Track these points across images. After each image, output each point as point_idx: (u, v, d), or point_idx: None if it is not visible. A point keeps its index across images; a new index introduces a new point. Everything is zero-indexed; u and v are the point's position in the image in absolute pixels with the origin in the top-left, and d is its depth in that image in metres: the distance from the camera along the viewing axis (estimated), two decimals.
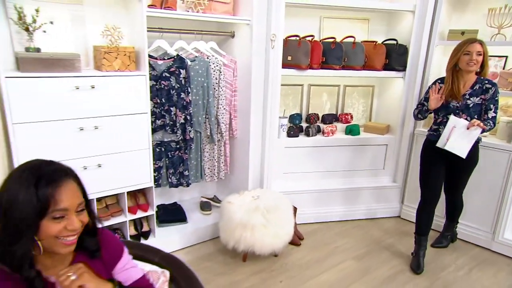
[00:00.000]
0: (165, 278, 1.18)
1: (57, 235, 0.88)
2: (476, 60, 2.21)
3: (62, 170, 0.92)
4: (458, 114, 2.28)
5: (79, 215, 0.92)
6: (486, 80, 2.28)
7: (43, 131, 1.87)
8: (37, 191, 0.84)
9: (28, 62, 1.79)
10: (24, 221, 0.85)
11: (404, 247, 2.71)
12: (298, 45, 2.70)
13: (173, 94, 2.42)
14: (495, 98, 2.25)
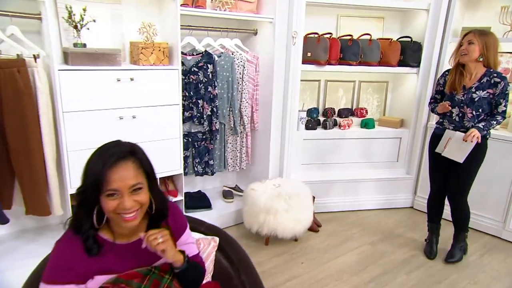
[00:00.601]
0: (215, 243, 1.34)
1: (114, 211, 0.99)
2: (466, 50, 2.17)
3: (122, 152, 1.00)
4: (462, 108, 2.25)
5: (134, 195, 0.99)
6: (495, 73, 2.19)
7: (87, 119, 2.05)
8: (95, 169, 0.97)
9: (76, 56, 1.97)
10: (87, 191, 0.99)
11: (418, 235, 2.85)
12: (317, 42, 2.85)
13: (200, 88, 2.59)
14: (505, 92, 2.18)
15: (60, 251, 1.01)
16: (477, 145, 2.20)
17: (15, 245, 2.23)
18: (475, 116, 2.23)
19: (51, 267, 0.99)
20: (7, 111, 1.92)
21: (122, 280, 0.99)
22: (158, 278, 1.05)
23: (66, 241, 1.02)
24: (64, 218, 2.40)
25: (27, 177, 2.04)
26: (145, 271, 1.03)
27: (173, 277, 1.08)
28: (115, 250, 1.05)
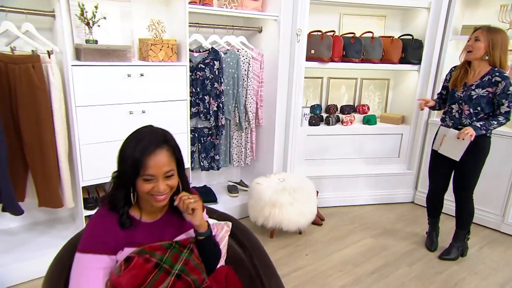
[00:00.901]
0: (228, 228, 1.41)
1: (148, 193, 1.08)
2: (471, 46, 2.15)
3: (159, 141, 1.08)
4: (461, 104, 2.24)
5: (167, 180, 1.09)
6: (497, 72, 2.14)
7: (99, 114, 2.10)
8: (134, 155, 1.05)
9: (89, 53, 2.03)
10: (125, 175, 1.08)
11: (419, 228, 2.91)
12: (320, 39, 2.90)
13: (207, 84, 2.64)
14: (506, 92, 2.10)
15: (95, 225, 1.10)
16: (475, 143, 2.18)
17: (27, 237, 2.29)
18: (473, 114, 2.22)
19: (86, 239, 1.07)
20: (21, 105, 1.98)
21: (147, 251, 1.08)
22: (178, 252, 1.13)
23: (100, 217, 1.11)
24: (74, 211, 2.46)
25: (40, 170, 2.09)
26: (167, 245, 1.12)
27: (191, 252, 1.16)
28: (141, 227, 1.14)
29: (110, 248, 1.06)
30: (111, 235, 1.07)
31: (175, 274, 1.09)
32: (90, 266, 1.04)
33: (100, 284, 1.04)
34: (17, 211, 2.03)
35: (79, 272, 1.05)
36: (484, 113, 2.22)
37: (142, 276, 1.05)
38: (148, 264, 1.06)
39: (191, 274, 1.12)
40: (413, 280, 2.24)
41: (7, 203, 1.99)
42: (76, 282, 1.05)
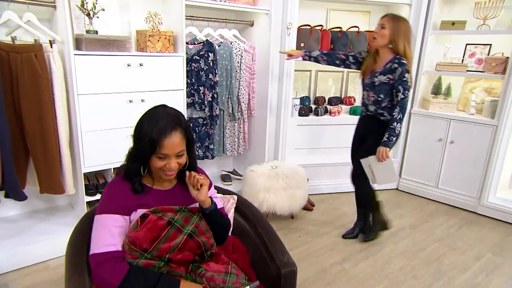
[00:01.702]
0: (234, 200, 1.52)
1: (160, 168, 1.19)
2: (377, 34, 2.17)
3: (174, 123, 1.17)
4: (367, 91, 2.32)
5: (178, 158, 1.19)
6: (396, 59, 2.16)
7: (100, 102, 2.17)
8: (151, 136, 1.15)
9: (90, 42, 2.09)
10: (141, 151, 1.18)
11: (403, 211, 3.10)
12: (310, 33, 3.04)
13: (202, 75, 2.74)
14: (402, 79, 2.14)
15: (111, 190, 1.21)
16: (378, 132, 2.27)
17: (28, 224, 2.34)
18: (377, 101, 2.27)
19: (103, 202, 1.19)
20: (23, 94, 2.03)
21: (159, 211, 1.19)
22: (188, 216, 1.24)
23: (116, 184, 1.22)
24: (73, 199, 2.52)
25: (42, 157, 2.15)
26: (177, 208, 1.23)
27: (201, 218, 1.27)
28: (153, 193, 1.25)
29: (123, 209, 1.17)
30: (124, 199, 1.19)
31: (187, 233, 1.20)
32: (107, 224, 1.15)
33: (116, 239, 1.15)
34: (21, 196, 2.08)
35: (98, 230, 1.16)
36: (387, 101, 2.26)
37: (156, 231, 1.16)
38: (161, 221, 1.17)
39: (201, 237, 1.23)
40: (399, 256, 2.41)
41: (11, 189, 2.04)
42: (95, 239, 1.15)
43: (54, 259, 2.20)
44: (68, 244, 1.24)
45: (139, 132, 1.19)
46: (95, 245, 1.14)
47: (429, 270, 2.27)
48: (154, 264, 1.17)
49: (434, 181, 3.34)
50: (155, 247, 1.16)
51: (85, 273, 1.12)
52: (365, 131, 2.46)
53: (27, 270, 2.08)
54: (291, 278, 1.24)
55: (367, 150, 2.37)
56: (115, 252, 1.14)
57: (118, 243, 1.15)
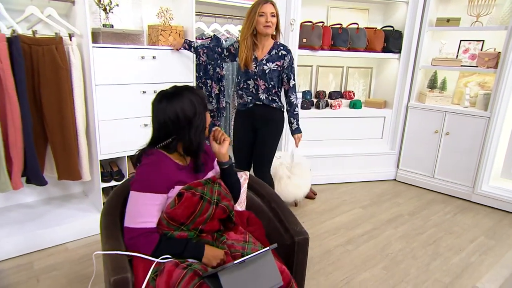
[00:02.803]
0: (246, 176, 1.64)
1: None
2: (271, 22, 2.16)
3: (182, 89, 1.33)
4: (256, 80, 2.26)
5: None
6: (281, 46, 2.24)
7: (115, 92, 2.29)
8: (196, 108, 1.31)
9: (107, 36, 2.21)
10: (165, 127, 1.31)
11: (402, 200, 3.24)
12: (312, 29, 3.18)
13: (209, 69, 2.86)
14: (292, 65, 2.24)
15: (149, 170, 1.28)
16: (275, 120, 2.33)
17: (46, 209, 2.45)
18: (268, 88, 2.27)
19: (140, 180, 1.27)
20: (44, 84, 2.14)
21: (192, 187, 1.30)
22: (211, 186, 1.36)
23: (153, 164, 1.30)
24: (87, 187, 2.63)
25: (61, 145, 2.26)
26: (204, 182, 1.35)
27: (219, 185, 1.38)
28: (184, 170, 1.36)
29: (163, 188, 1.27)
30: (163, 177, 1.28)
31: (215, 202, 1.33)
32: (146, 203, 1.25)
33: (153, 216, 1.25)
34: (42, 182, 2.19)
35: (136, 206, 1.25)
36: (277, 88, 2.30)
37: (192, 207, 1.27)
38: (195, 197, 1.28)
39: (223, 201, 1.36)
40: (399, 239, 2.55)
41: (33, 174, 2.15)
42: (133, 214, 1.25)
43: (72, 241, 2.31)
44: (102, 214, 1.36)
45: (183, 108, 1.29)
46: (132, 219, 1.24)
47: (427, 251, 2.41)
48: (187, 235, 1.29)
49: (430, 171, 3.49)
50: (192, 220, 1.28)
51: (120, 239, 1.24)
52: (258, 122, 2.35)
53: (49, 251, 2.19)
54: (304, 245, 1.37)
55: (265, 142, 2.36)
56: (150, 228, 1.25)
57: (154, 219, 1.26)
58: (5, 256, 2.08)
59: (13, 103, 1.98)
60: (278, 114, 2.37)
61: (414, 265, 2.24)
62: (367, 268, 2.19)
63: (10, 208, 2.42)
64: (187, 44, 2.48)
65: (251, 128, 2.40)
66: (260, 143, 2.39)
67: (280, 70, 2.27)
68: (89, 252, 2.20)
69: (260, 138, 2.38)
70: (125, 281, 1.09)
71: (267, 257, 1.20)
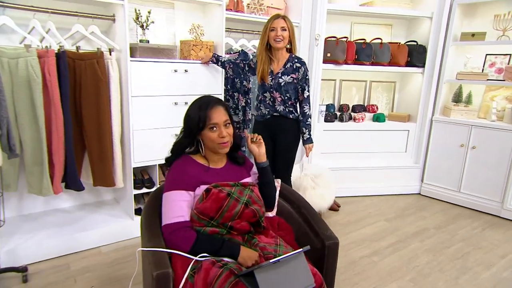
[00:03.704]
0: (278, 183, 1.70)
1: (215, 141, 1.40)
2: (282, 36, 2.24)
3: (214, 100, 1.43)
4: (272, 93, 2.35)
5: (226, 128, 1.42)
6: (296, 59, 2.33)
7: (149, 103, 2.42)
8: (199, 113, 1.39)
9: (143, 50, 2.35)
10: (192, 130, 1.41)
11: (427, 214, 3.20)
12: (336, 44, 3.26)
13: (236, 82, 2.97)
14: (306, 77, 2.33)
15: (178, 170, 1.41)
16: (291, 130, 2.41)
17: (81, 214, 2.57)
18: (284, 100, 2.35)
19: (171, 181, 1.38)
20: (85, 95, 2.29)
21: (219, 185, 1.38)
22: (241, 189, 1.43)
23: (181, 165, 1.42)
24: (119, 194, 2.75)
25: (97, 153, 2.39)
26: (232, 183, 1.43)
27: (252, 191, 1.45)
28: (211, 172, 1.44)
29: (188, 186, 1.37)
30: (189, 177, 1.38)
31: (244, 202, 1.40)
32: (175, 199, 1.35)
33: (184, 211, 1.34)
34: (80, 187, 2.32)
35: (168, 205, 1.35)
36: (293, 100, 2.38)
37: (219, 202, 1.35)
38: (222, 193, 1.36)
39: (254, 205, 1.42)
40: (425, 252, 2.52)
41: (72, 179, 2.28)
42: (167, 212, 1.35)
43: (105, 245, 2.41)
44: (142, 215, 1.45)
45: (188, 116, 1.44)
46: (167, 217, 1.34)
47: (455, 265, 2.37)
48: (219, 231, 1.36)
49: (456, 185, 3.44)
50: (220, 215, 1.35)
51: (160, 237, 1.32)
52: (275, 131, 2.43)
53: (83, 254, 2.29)
54: (335, 249, 1.40)
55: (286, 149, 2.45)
56: (184, 222, 1.34)
57: (186, 214, 1.35)
58: (44, 257, 2.19)
59: (58, 112, 2.13)
60: (295, 124, 2.45)
61: (442, 278, 2.21)
62: (393, 279, 2.18)
63: (48, 213, 2.55)
64: (215, 58, 2.60)
65: (270, 136, 2.45)
66: (279, 151, 2.46)
67: (296, 82, 2.34)
68: (121, 256, 2.29)
69: (278, 145, 2.46)
70: (166, 276, 1.16)
71: (300, 259, 1.24)
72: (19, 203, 2.48)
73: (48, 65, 2.07)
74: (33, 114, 2.11)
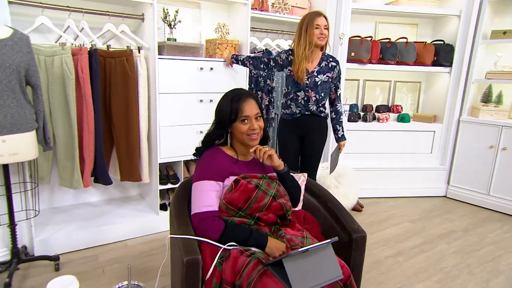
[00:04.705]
0: (304, 177, 1.71)
1: (245, 133, 1.42)
2: (325, 34, 2.22)
3: (246, 93, 1.46)
4: (307, 91, 2.29)
5: (257, 121, 1.44)
6: (330, 58, 2.31)
7: (175, 100, 2.47)
8: (231, 105, 1.41)
9: (171, 48, 2.41)
10: (223, 121, 1.44)
11: (454, 216, 3.11)
12: (360, 43, 3.23)
13: (260, 81, 2.99)
14: (339, 75, 2.34)
15: (208, 161, 1.43)
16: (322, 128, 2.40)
17: (108, 208, 2.64)
18: (318, 99, 2.31)
19: (200, 171, 1.41)
20: (114, 92, 2.37)
21: (247, 177, 1.40)
22: (269, 182, 1.44)
23: (211, 155, 1.44)
24: (143, 189, 2.81)
25: (125, 149, 2.45)
26: (260, 176, 1.44)
27: (279, 184, 1.46)
28: (239, 164, 1.46)
29: (218, 176, 1.39)
30: (218, 167, 1.41)
31: (272, 195, 1.41)
32: (205, 189, 1.37)
33: (213, 200, 1.37)
34: (108, 181, 2.38)
35: (197, 194, 1.38)
36: (325, 98, 2.36)
37: (248, 193, 1.37)
38: (250, 185, 1.38)
39: (281, 199, 1.43)
40: (453, 254, 2.45)
41: (101, 174, 2.35)
42: (196, 201, 1.37)
43: (132, 239, 2.47)
44: (171, 205, 1.48)
45: (220, 107, 1.46)
46: (197, 206, 1.37)
47: (485, 268, 2.30)
48: (246, 222, 1.37)
49: (485, 188, 3.33)
50: (248, 206, 1.36)
51: (189, 225, 1.34)
52: (306, 130, 2.39)
53: (110, 246, 2.35)
54: (362, 242, 1.39)
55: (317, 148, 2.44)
56: (213, 211, 1.36)
57: (215, 204, 1.37)
58: (74, 247, 2.27)
59: (89, 108, 2.21)
60: (324, 122, 2.44)
61: (472, 281, 2.14)
62: (420, 280, 2.13)
63: (77, 206, 2.64)
64: (234, 59, 2.59)
65: (298, 135, 2.42)
66: (309, 149, 2.43)
67: (331, 81, 2.32)
68: (148, 249, 2.34)
69: (308, 144, 2.42)
70: (196, 261, 1.18)
71: (328, 250, 1.24)
72: (51, 196, 2.57)
73: (81, 63, 2.15)
74: (66, 110, 2.19)
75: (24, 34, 1.80)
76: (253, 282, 1.15)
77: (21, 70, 1.75)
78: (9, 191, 1.93)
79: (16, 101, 1.74)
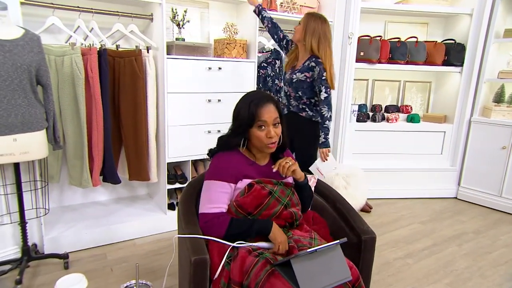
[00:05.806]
0: (315, 179, 1.69)
1: (262, 140, 1.36)
2: (295, 28, 2.34)
3: (266, 97, 1.39)
4: (288, 87, 2.38)
5: (275, 127, 1.37)
6: (313, 58, 2.24)
7: (184, 100, 2.47)
8: (249, 109, 1.37)
9: (179, 48, 2.42)
10: (241, 126, 1.39)
11: (465, 218, 3.07)
12: (369, 42, 3.20)
13: (268, 81, 2.98)
14: (321, 77, 2.20)
15: (222, 160, 1.40)
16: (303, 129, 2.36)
17: (116, 207, 2.66)
18: (296, 97, 2.33)
19: (214, 170, 1.39)
20: (123, 92, 2.38)
21: (262, 182, 1.38)
22: (284, 189, 1.42)
23: (226, 156, 1.41)
24: (151, 189, 2.82)
25: (133, 148, 2.47)
26: (275, 182, 1.42)
27: (293, 192, 1.45)
28: (255, 167, 1.44)
29: (231, 178, 1.37)
30: (233, 169, 1.38)
31: (284, 204, 1.39)
32: (215, 189, 1.36)
33: (222, 202, 1.35)
34: (117, 180, 2.40)
35: (207, 193, 1.37)
36: (306, 98, 2.31)
37: (260, 199, 1.35)
38: (264, 191, 1.36)
39: (293, 208, 1.41)
40: (464, 257, 2.41)
41: (109, 173, 2.36)
42: (205, 201, 1.36)
43: (139, 238, 2.48)
44: (179, 205, 1.48)
45: (238, 110, 1.41)
46: (204, 206, 1.36)
47: (497, 271, 2.25)
48: None
49: (497, 190, 3.27)
50: (258, 212, 1.36)
51: (197, 224, 1.34)
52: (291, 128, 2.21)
53: (119, 245, 2.37)
54: (372, 244, 1.37)
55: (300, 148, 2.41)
56: (219, 213, 1.35)
57: (223, 205, 1.36)
58: (83, 246, 2.28)
59: (98, 107, 2.22)
60: (307, 124, 2.38)
61: (484, 284, 2.10)
62: (430, 282, 2.10)
63: (86, 205, 2.66)
64: (258, 9, 2.49)
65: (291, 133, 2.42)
66: (295, 149, 2.44)
67: (310, 81, 2.28)
68: (155, 248, 2.35)
69: (294, 144, 2.41)
70: (203, 261, 1.17)
71: (337, 251, 1.23)
72: (60, 195, 2.60)
73: (90, 62, 2.17)
74: (76, 109, 2.21)
75: (35, 34, 1.82)
76: (261, 282, 1.14)
77: (32, 69, 1.76)
78: (20, 190, 1.96)
79: (27, 100, 1.76)
